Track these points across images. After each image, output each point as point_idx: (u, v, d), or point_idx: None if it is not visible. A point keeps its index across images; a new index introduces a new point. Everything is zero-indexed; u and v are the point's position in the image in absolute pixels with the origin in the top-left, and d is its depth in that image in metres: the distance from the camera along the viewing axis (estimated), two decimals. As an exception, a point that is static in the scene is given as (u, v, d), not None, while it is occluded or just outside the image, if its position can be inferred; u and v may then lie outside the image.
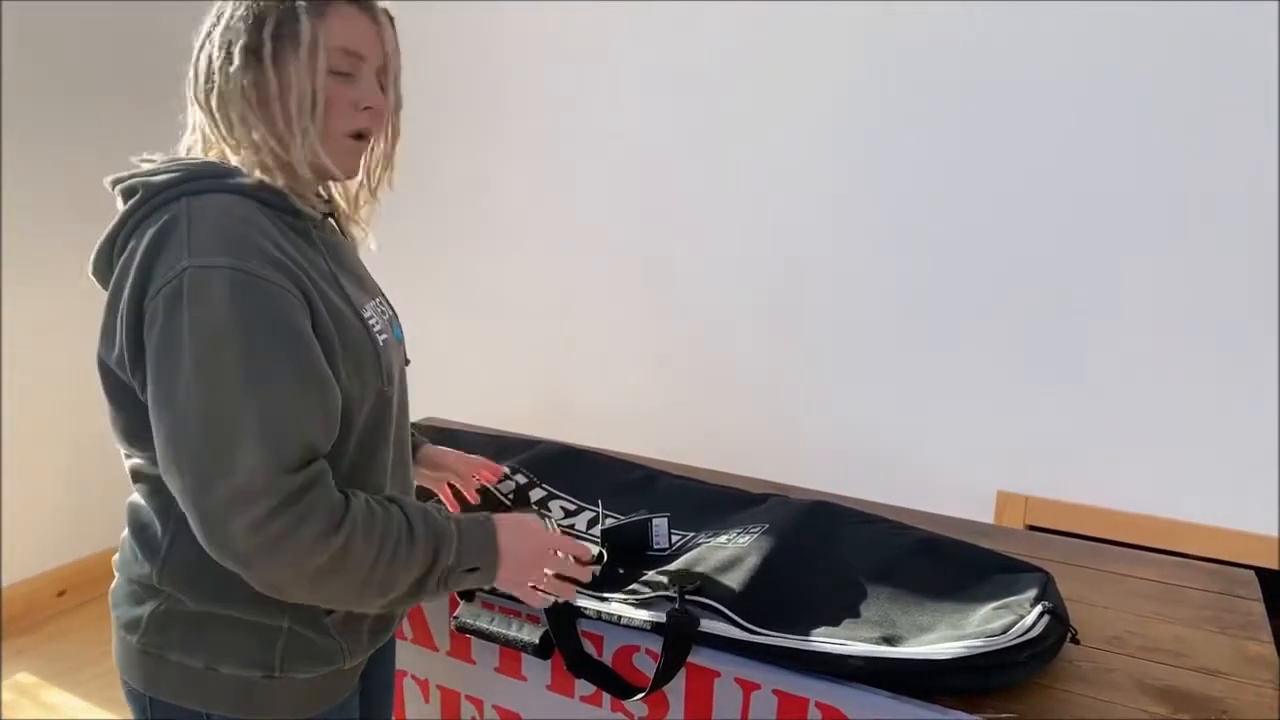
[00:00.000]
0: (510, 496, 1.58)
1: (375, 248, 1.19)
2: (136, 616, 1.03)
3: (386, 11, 1.06)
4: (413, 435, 1.44)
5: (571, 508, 1.59)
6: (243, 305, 0.89)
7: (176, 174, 0.97)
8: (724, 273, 2.39)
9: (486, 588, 1.08)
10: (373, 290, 1.15)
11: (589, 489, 1.63)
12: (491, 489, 1.58)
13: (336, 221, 1.16)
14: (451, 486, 1.47)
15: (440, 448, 1.46)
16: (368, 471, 1.05)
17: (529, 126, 2.60)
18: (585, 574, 1.13)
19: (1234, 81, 1.82)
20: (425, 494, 1.47)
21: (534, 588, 1.08)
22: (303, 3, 0.97)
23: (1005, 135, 2.03)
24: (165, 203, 0.95)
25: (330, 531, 0.89)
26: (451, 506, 1.47)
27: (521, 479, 1.64)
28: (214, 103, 1.00)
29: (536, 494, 1.62)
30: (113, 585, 1.09)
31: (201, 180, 0.97)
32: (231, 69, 0.97)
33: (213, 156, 1.04)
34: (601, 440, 1.94)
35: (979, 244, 2.09)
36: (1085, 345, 2.02)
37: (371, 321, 1.05)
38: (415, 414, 2.14)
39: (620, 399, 2.57)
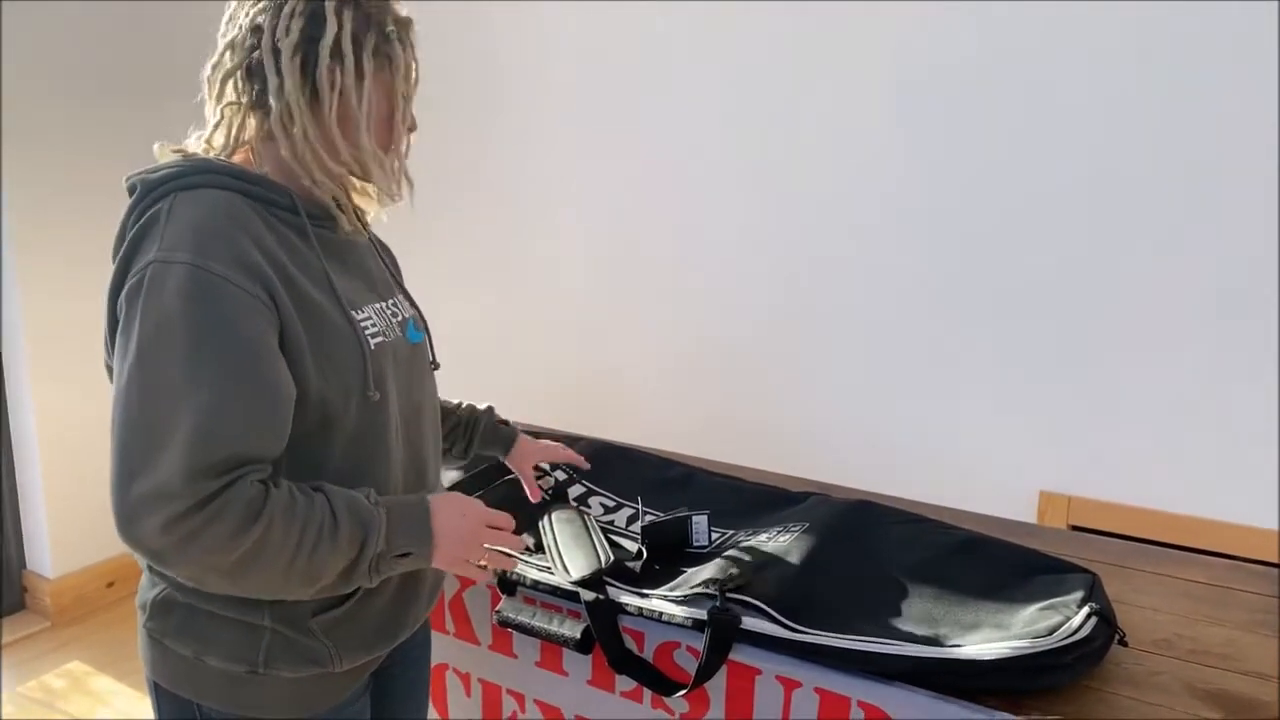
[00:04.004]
0: (549, 492, 1.59)
1: (386, 219, 1.20)
2: (145, 600, 1.06)
3: None
4: (505, 425, 1.49)
5: (611, 504, 1.60)
6: (194, 303, 0.89)
7: (171, 170, 0.98)
8: (759, 271, 2.38)
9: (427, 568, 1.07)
10: (384, 291, 1.14)
11: (628, 486, 1.64)
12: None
13: (362, 221, 1.16)
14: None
15: (528, 443, 1.50)
16: (365, 475, 1.04)
17: (556, 128, 2.61)
18: (519, 543, 1.13)
19: (1246, 81, 1.79)
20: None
21: (472, 564, 1.07)
22: (392, 28, 1.02)
23: (1037, 134, 2.00)
24: (158, 199, 0.96)
25: (244, 528, 0.88)
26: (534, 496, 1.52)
27: (561, 475, 1.65)
28: (275, 103, 0.99)
29: (575, 490, 1.63)
30: None
31: (195, 175, 0.97)
32: (314, 75, 0.98)
33: (238, 158, 1.04)
34: (639, 437, 1.94)
35: (1019, 242, 2.06)
36: (1129, 343, 1.99)
37: (365, 324, 1.04)
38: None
39: (657, 396, 2.57)
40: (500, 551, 1.10)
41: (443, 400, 1.42)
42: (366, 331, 1.03)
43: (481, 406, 1.49)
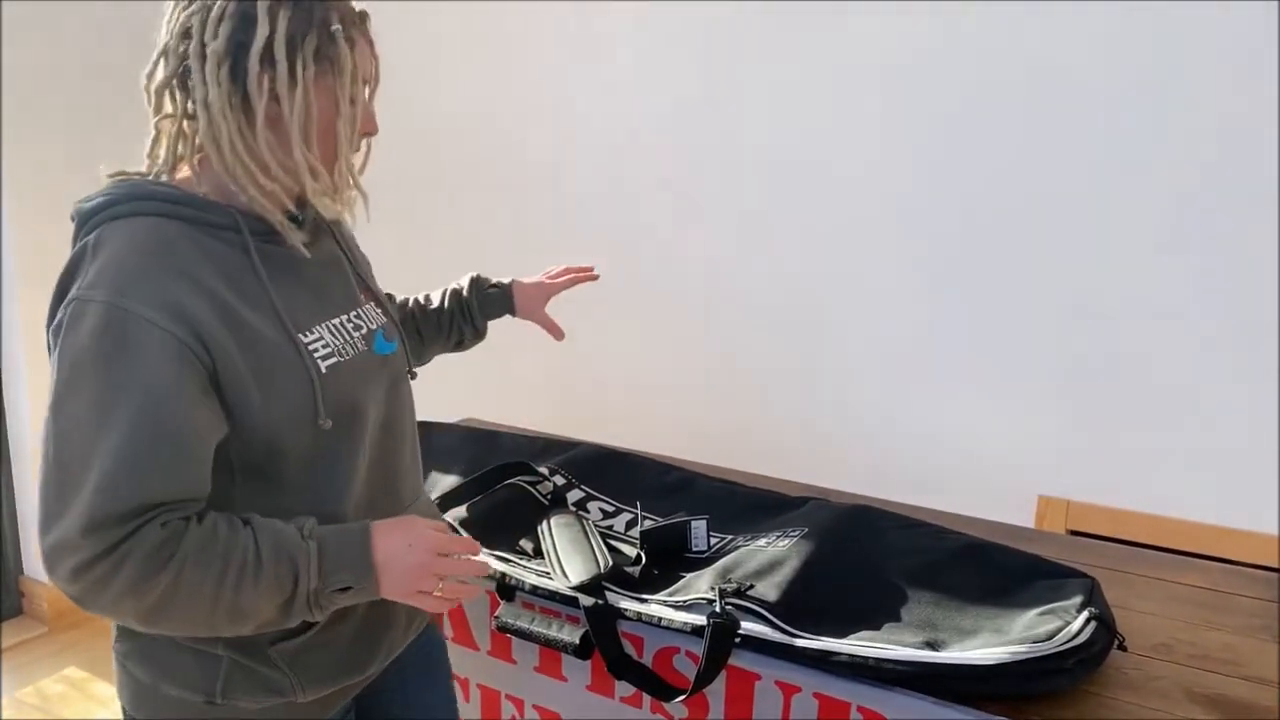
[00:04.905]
0: (548, 497, 1.58)
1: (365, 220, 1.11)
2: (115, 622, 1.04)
3: None
4: (496, 288, 1.45)
5: (610, 509, 1.60)
6: (107, 344, 0.85)
7: (103, 199, 0.94)
8: (759, 274, 2.38)
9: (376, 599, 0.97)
10: (345, 304, 1.06)
11: (628, 491, 1.64)
12: (531, 489, 1.59)
13: (332, 230, 1.10)
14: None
15: (528, 290, 1.49)
16: (325, 499, 0.99)
17: (555, 125, 2.61)
18: (481, 568, 1.04)
19: (1249, 84, 1.79)
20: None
21: (430, 594, 0.97)
22: (338, 27, 0.94)
23: (1041, 138, 2.00)
24: (90, 230, 0.92)
25: (152, 573, 0.85)
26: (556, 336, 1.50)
27: (560, 480, 1.64)
28: (201, 116, 0.92)
29: (575, 495, 1.63)
30: None
31: (126, 203, 0.93)
32: (245, 84, 0.91)
33: (183, 173, 0.98)
34: (637, 442, 1.94)
35: (1019, 246, 2.06)
36: (1127, 348, 1.99)
37: (316, 346, 0.98)
38: (452, 416, 2.17)
39: (656, 402, 2.57)
40: (461, 581, 1.01)
41: (422, 303, 1.41)
42: (316, 354, 0.97)
43: (464, 284, 1.44)
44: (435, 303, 1.42)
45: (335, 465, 1.00)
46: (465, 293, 1.43)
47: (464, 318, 1.42)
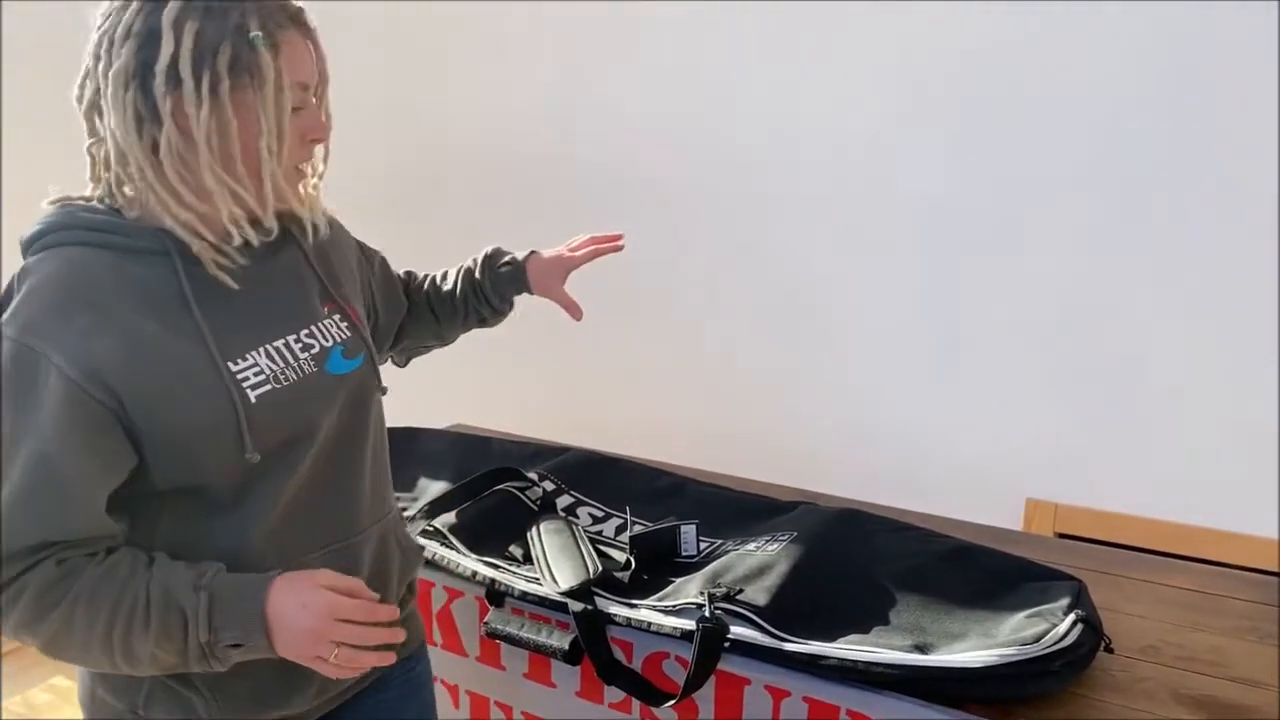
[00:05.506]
0: (538, 503, 1.58)
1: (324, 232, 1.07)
2: None
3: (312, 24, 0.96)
4: (508, 265, 1.36)
5: (599, 514, 1.60)
6: (14, 382, 0.85)
7: (37, 229, 0.93)
8: (747, 276, 2.38)
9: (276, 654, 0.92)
10: (296, 321, 1.01)
11: (617, 496, 1.64)
12: (520, 495, 1.59)
13: (296, 236, 1.04)
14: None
15: (542, 265, 1.38)
16: (255, 531, 0.96)
17: (552, 125, 2.61)
18: (375, 635, 0.92)
19: (1242, 86, 1.80)
20: None
21: (326, 660, 0.90)
22: (256, 33, 0.87)
23: (1030, 141, 2.01)
24: (25, 259, 0.92)
25: (43, 612, 0.86)
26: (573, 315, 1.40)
27: (549, 485, 1.64)
28: (110, 143, 0.89)
29: (564, 501, 1.63)
30: None
31: (56, 233, 0.91)
32: (153, 107, 0.87)
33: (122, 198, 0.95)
34: (628, 448, 1.94)
35: (1006, 248, 2.07)
36: (1116, 350, 1.99)
37: (248, 374, 0.93)
38: (443, 421, 2.16)
39: (646, 406, 2.57)
40: (368, 648, 0.93)
41: (437, 283, 1.36)
42: (246, 384, 0.93)
43: (477, 262, 1.37)
44: (449, 283, 1.36)
45: (268, 491, 0.96)
46: (478, 273, 1.35)
47: (478, 299, 1.35)
